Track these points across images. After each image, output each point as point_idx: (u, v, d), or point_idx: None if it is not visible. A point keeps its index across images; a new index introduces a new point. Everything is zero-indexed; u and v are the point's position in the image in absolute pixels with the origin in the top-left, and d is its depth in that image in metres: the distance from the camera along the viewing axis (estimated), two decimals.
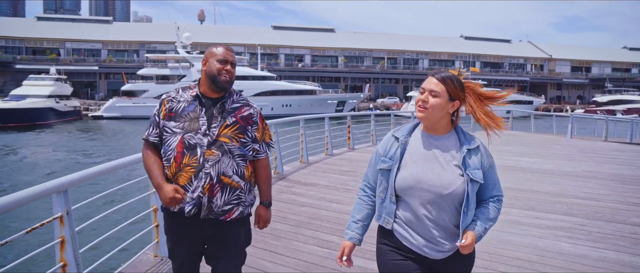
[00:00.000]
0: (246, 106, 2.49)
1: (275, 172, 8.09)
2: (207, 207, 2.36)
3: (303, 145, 9.53)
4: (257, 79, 52.92)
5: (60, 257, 2.84)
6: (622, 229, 5.14)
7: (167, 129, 2.39)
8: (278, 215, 5.46)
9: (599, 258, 4.24)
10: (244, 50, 73.58)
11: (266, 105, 50.59)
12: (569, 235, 4.91)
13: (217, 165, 2.34)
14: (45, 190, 2.71)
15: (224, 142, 2.36)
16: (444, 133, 2.09)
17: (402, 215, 2.08)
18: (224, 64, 2.40)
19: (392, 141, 2.16)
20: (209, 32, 79.48)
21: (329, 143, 10.78)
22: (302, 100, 52.73)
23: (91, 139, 32.27)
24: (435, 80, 2.05)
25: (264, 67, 61.21)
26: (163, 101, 2.45)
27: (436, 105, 2.03)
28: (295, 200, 6.30)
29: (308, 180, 7.72)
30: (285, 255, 4.20)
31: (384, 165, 2.13)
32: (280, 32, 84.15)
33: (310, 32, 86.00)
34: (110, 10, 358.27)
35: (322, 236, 4.76)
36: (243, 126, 2.43)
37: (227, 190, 2.38)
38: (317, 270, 3.88)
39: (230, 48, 2.50)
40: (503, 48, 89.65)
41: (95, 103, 56.48)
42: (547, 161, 10.45)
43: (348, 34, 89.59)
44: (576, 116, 20.31)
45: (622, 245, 4.62)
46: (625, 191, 7.31)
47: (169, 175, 2.38)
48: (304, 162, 9.42)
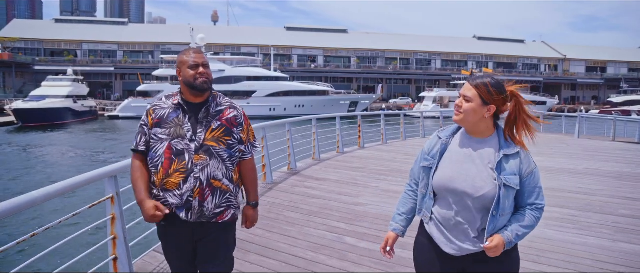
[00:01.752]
0: (230, 108, 2.53)
1: (288, 168, 8.62)
2: (198, 211, 2.41)
3: (315, 144, 10.04)
4: (270, 79, 53.59)
5: (111, 230, 3.32)
6: (607, 219, 5.58)
7: (154, 136, 2.44)
8: (291, 206, 5.99)
9: (581, 243, 4.69)
10: (258, 51, 74.35)
11: (279, 106, 51.20)
12: (558, 224, 5.35)
13: (207, 169, 2.40)
14: (99, 175, 3.22)
15: (211, 146, 2.42)
16: (485, 136, 2.14)
17: (438, 213, 2.17)
18: (196, 68, 2.43)
19: (436, 141, 2.25)
20: (223, 33, 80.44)
21: (340, 141, 11.28)
22: (314, 101, 53.20)
23: (109, 139, 33.13)
24: (468, 86, 2.13)
25: (277, 68, 61.86)
26: (149, 110, 2.50)
27: (469, 109, 2.09)
28: (308, 193, 6.81)
29: (319, 176, 8.24)
30: (298, 238, 4.72)
31: (426, 162, 2.24)
32: (293, 33, 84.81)
33: (323, 33, 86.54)
34: (125, 12, 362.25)
35: (331, 223, 5.27)
36: (228, 128, 2.48)
37: (218, 193, 2.44)
38: (326, 251, 4.37)
39: (199, 50, 2.54)
40: (516, 48, 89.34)
41: (111, 103, 57.56)
42: (550, 159, 10.83)
43: (361, 34, 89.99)
44: (584, 116, 20.56)
45: (605, 232, 5.06)
46: (619, 187, 7.70)
47: (157, 182, 2.43)
48: (316, 159, 9.93)
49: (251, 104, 50.06)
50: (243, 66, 55.59)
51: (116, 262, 3.31)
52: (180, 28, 76.19)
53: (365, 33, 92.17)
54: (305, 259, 4.15)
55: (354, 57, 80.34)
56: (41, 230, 2.77)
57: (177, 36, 72.64)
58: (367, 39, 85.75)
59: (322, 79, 71.20)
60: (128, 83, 69.29)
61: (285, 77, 56.19)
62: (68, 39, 71.96)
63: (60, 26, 77.07)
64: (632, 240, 4.81)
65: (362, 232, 4.97)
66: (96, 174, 3.19)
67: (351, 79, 77.63)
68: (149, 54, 73.93)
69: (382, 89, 71.69)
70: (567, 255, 4.35)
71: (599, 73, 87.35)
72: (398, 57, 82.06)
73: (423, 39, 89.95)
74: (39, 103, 40.61)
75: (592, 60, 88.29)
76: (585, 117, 20.63)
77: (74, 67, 56.69)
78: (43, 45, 71.17)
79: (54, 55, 71.05)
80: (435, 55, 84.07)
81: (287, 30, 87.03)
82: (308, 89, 55.32)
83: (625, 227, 5.30)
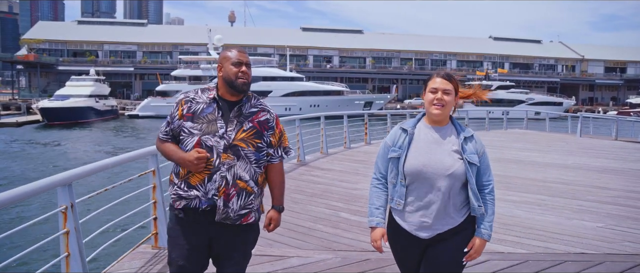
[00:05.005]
0: (263, 111, 2.51)
1: (297, 160, 9.53)
2: (223, 211, 2.38)
3: (323, 139, 10.94)
4: (285, 79, 54.50)
5: (65, 248, 2.96)
6: (572, 203, 6.40)
7: (185, 129, 2.42)
8: (297, 189, 6.91)
9: (542, 221, 5.51)
10: (274, 52, 75.48)
11: (294, 106, 52.11)
12: (527, 206, 6.18)
13: (233, 169, 2.38)
14: (52, 183, 2.86)
15: (240, 146, 2.39)
16: (444, 124, 2.41)
17: (414, 199, 2.36)
18: (239, 66, 2.43)
19: (399, 133, 2.45)
20: (240, 34, 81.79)
21: (347, 137, 12.17)
22: (329, 101, 53.90)
23: (129, 136, 34.46)
24: (444, 81, 2.35)
25: (292, 68, 62.75)
26: (181, 101, 2.48)
27: (450, 101, 2.35)
28: (313, 180, 7.72)
29: (325, 166, 9.15)
30: (300, 213, 5.64)
31: (394, 154, 2.41)
32: (309, 33, 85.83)
33: (338, 34, 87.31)
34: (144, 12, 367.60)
35: (330, 202, 6.17)
36: (259, 131, 2.46)
37: (243, 194, 2.41)
38: (323, 222, 5.28)
39: (243, 50, 2.54)
40: (533, 49, 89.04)
41: (131, 102, 59.28)
42: (543, 155, 11.57)
43: (376, 35, 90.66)
44: (589, 116, 21.16)
45: (566, 213, 5.88)
46: (598, 178, 8.46)
47: (182, 173, 2.42)
48: (324, 153, 10.82)
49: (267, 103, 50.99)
50: (259, 66, 56.65)
51: None
52: (198, 29, 77.94)
53: (381, 33, 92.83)
54: (305, 227, 5.07)
55: (369, 58, 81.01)
56: None
57: (194, 37, 74.25)
58: (382, 39, 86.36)
59: (337, 79, 71.94)
60: (147, 83, 70.97)
61: (301, 77, 57.08)
62: (90, 39, 74.12)
63: (83, 27, 79.36)
64: (584, 218, 5.64)
65: (356, 209, 5.86)
66: (48, 182, 2.86)
67: (366, 79, 78.25)
68: (168, 55, 75.61)
69: (396, 89, 72.20)
70: (527, 228, 5.18)
71: (619, 73, 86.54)
72: (413, 58, 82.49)
73: (438, 40, 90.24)
74: (64, 102, 42.30)
75: (611, 61, 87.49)
76: (590, 117, 21.19)
77: (95, 67, 58.47)
78: (66, 46, 73.40)
79: (76, 55, 73.21)
80: (451, 55, 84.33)
81: (303, 30, 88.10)
82: (323, 89, 56.07)
83: (585, 209, 6.11)
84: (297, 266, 3.95)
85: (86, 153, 25.13)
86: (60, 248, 2.94)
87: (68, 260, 2.92)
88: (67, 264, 2.91)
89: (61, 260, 2.92)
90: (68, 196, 2.95)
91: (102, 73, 56.32)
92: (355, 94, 58.76)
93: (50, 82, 67.18)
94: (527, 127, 21.14)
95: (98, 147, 27.80)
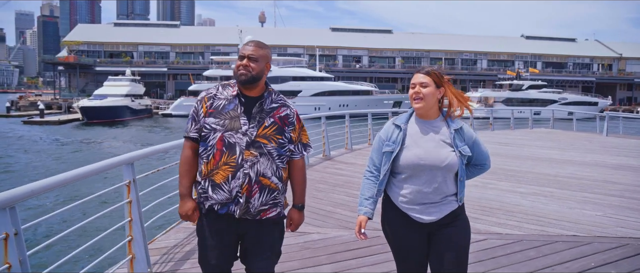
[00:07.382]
0: (283, 106, 2.51)
1: (323, 155, 10.16)
2: (244, 207, 2.39)
3: (348, 136, 11.56)
4: (315, 79, 55.26)
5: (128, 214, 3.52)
6: (577, 195, 6.81)
7: (207, 125, 2.42)
8: (322, 180, 7.55)
9: (544, 209, 5.97)
10: (303, 52, 76.38)
11: (324, 105, 52.71)
12: (533, 197, 6.64)
13: (256, 166, 2.38)
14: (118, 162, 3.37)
15: (262, 143, 2.40)
16: (434, 118, 2.51)
17: (411, 189, 2.47)
18: (241, 59, 2.40)
19: (393, 128, 2.55)
20: (270, 34, 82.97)
21: (372, 134, 12.73)
22: (358, 101, 54.22)
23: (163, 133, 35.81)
24: (421, 75, 2.47)
25: (322, 68, 63.46)
26: (203, 98, 2.47)
27: (428, 93, 2.44)
28: (336, 172, 8.34)
29: (349, 160, 9.76)
30: (323, 199, 6.27)
31: (388, 148, 2.51)
32: (339, 33, 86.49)
33: (367, 34, 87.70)
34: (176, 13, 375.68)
35: (351, 191, 6.77)
36: (280, 127, 2.46)
37: (266, 191, 2.42)
38: (343, 207, 5.88)
39: (255, 42, 2.48)
40: (567, 47, 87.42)
41: (165, 102, 61.23)
42: (562, 152, 11.86)
43: (405, 34, 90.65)
44: (618, 116, 21.07)
45: (569, 203, 6.31)
46: (611, 174, 8.77)
47: (205, 171, 2.43)
48: (348, 148, 11.43)
49: (297, 103, 51.82)
50: (289, 66, 57.67)
51: (131, 243, 3.51)
52: (229, 30, 79.70)
53: (410, 33, 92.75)
54: (325, 210, 5.70)
55: (398, 57, 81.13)
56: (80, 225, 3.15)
57: (225, 38, 76.03)
58: (411, 39, 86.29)
59: (366, 79, 72.31)
60: (180, 83, 72.98)
61: (330, 77, 57.75)
62: (125, 41, 76.78)
63: (119, 29, 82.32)
64: (586, 208, 6.07)
65: None
66: (116, 161, 3.41)
67: (396, 79, 78.38)
68: (200, 55, 77.53)
69: None
70: (528, 215, 5.66)
71: None
72: (443, 57, 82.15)
73: (469, 39, 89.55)
74: (102, 101, 44.34)
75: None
76: (621, 117, 21.07)
77: (131, 67, 60.65)
78: (103, 48, 76.18)
79: (112, 56, 75.94)
80: (481, 55, 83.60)
81: (332, 31, 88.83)
82: (352, 88, 56.50)
83: (589, 200, 6.53)
84: (316, 240, 4.57)
85: (126, 146, 26.45)
86: (124, 214, 3.51)
87: (131, 224, 3.51)
88: (130, 227, 3.51)
89: (125, 224, 3.51)
90: (131, 173, 3.50)
91: (137, 73, 58.38)
92: (384, 93, 58.99)
93: (88, 82, 69.99)
94: (554, 126, 21.19)
95: (137, 141, 29.10)
